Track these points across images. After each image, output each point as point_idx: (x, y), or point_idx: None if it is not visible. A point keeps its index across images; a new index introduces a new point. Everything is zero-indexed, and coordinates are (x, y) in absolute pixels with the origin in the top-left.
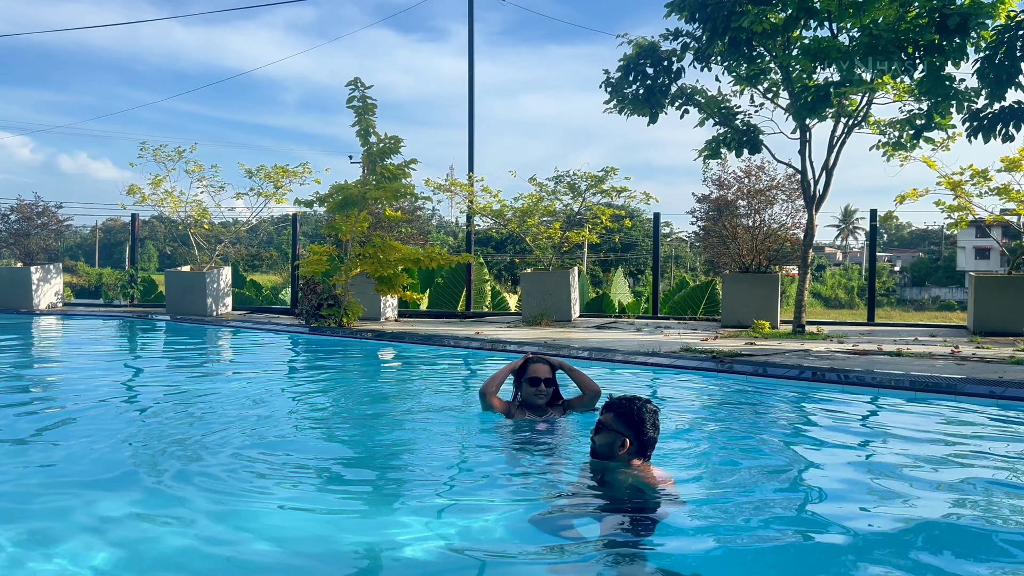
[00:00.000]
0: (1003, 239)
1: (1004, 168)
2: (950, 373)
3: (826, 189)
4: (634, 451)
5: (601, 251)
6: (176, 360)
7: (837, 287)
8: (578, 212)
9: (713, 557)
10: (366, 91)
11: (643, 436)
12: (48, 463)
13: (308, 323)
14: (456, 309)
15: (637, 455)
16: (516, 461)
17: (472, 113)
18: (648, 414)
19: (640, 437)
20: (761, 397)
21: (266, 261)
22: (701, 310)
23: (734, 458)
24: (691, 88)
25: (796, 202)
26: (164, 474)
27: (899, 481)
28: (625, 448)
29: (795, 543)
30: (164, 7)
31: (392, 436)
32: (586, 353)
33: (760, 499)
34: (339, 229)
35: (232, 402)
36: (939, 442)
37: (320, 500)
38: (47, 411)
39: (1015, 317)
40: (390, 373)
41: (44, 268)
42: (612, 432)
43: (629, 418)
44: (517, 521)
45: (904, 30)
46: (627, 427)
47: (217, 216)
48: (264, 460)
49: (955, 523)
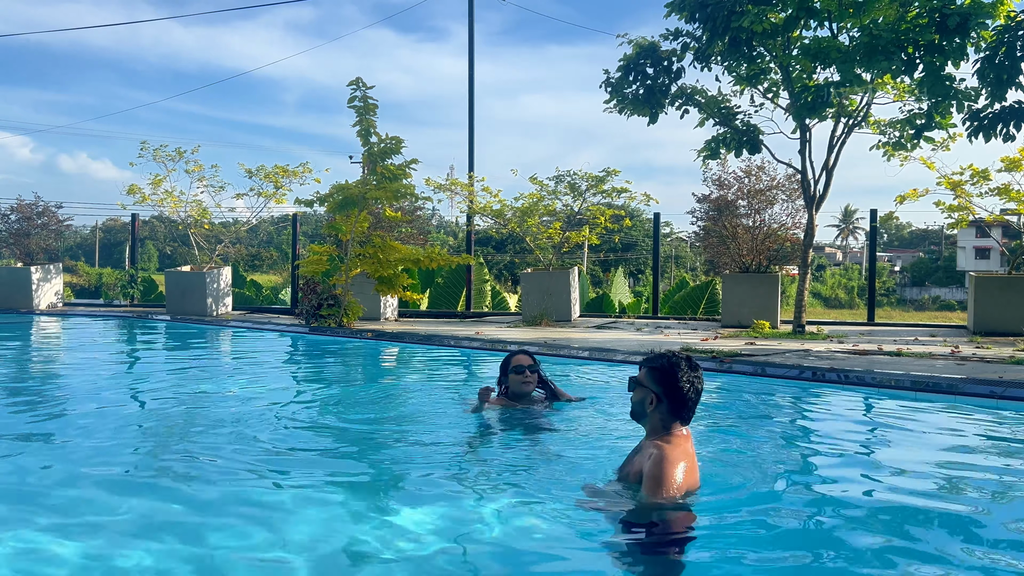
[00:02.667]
0: (1003, 239)
1: (1004, 168)
2: (950, 373)
3: (826, 189)
4: (665, 411)
5: (601, 251)
6: (176, 360)
7: (837, 287)
8: (578, 212)
9: (713, 557)
10: (367, 91)
11: (675, 394)
12: (48, 463)
13: (308, 323)
14: (456, 309)
15: (671, 416)
16: (513, 454)
17: (472, 113)
18: (684, 371)
19: (672, 393)
20: (761, 397)
21: (266, 261)
22: (701, 310)
23: (733, 458)
24: (691, 88)
25: (796, 202)
26: (163, 474)
27: (899, 481)
28: (653, 405)
29: (794, 543)
30: (163, 7)
31: (392, 436)
32: (586, 353)
33: (760, 499)
34: (339, 229)
35: (232, 402)
36: (939, 442)
37: (320, 500)
38: (47, 411)
39: (1015, 317)
40: (390, 373)
41: (44, 268)
42: (644, 388)
43: (661, 373)
44: (518, 517)
45: (904, 30)
46: (656, 383)
47: (217, 216)
48: (264, 460)
49: (955, 523)
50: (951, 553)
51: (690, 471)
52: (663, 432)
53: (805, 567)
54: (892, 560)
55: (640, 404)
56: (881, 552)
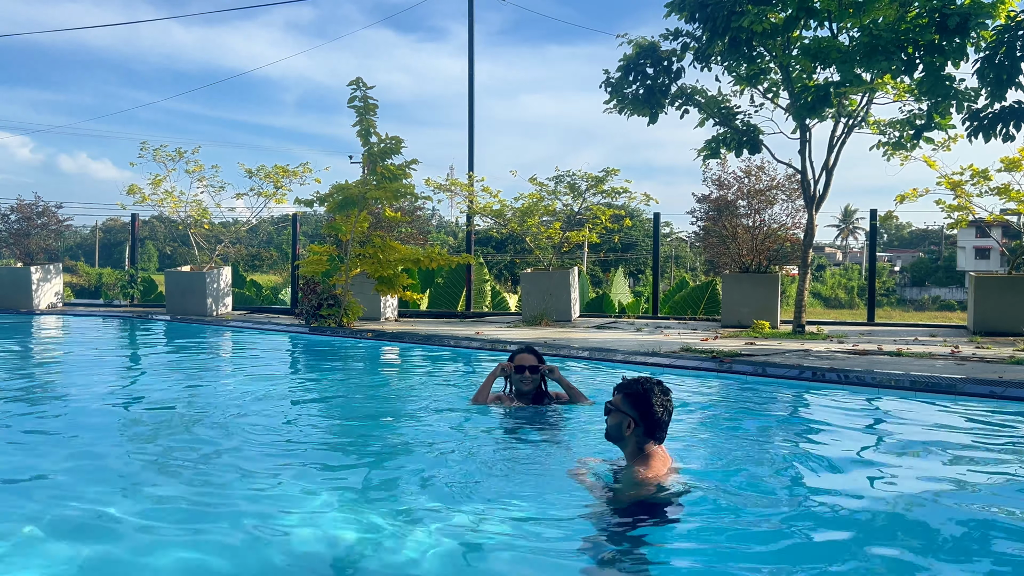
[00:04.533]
0: (1003, 239)
1: (1004, 168)
2: (950, 373)
3: (826, 189)
4: (641, 433)
5: (601, 251)
6: (176, 360)
7: (837, 287)
8: (578, 212)
9: (711, 556)
10: (367, 91)
11: (650, 417)
12: (47, 463)
13: (308, 323)
14: (456, 309)
15: (646, 437)
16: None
17: (472, 113)
18: (656, 395)
19: (647, 418)
20: (761, 397)
21: (266, 261)
22: (701, 310)
23: (733, 458)
24: (691, 88)
25: (796, 202)
26: (163, 475)
27: (899, 481)
28: (631, 429)
29: (794, 543)
30: (163, 7)
31: (392, 436)
32: (586, 353)
33: (759, 499)
34: (339, 229)
35: (232, 402)
36: (939, 442)
37: (321, 500)
38: (46, 411)
39: (1015, 317)
40: (390, 373)
41: (44, 268)
42: (620, 413)
43: (636, 398)
44: (518, 515)
45: (904, 30)
46: (633, 408)
47: (217, 216)
48: (264, 460)
49: (955, 522)
50: (951, 552)
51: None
52: (639, 453)
53: (804, 566)
54: (892, 559)
55: (617, 428)
56: (881, 552)
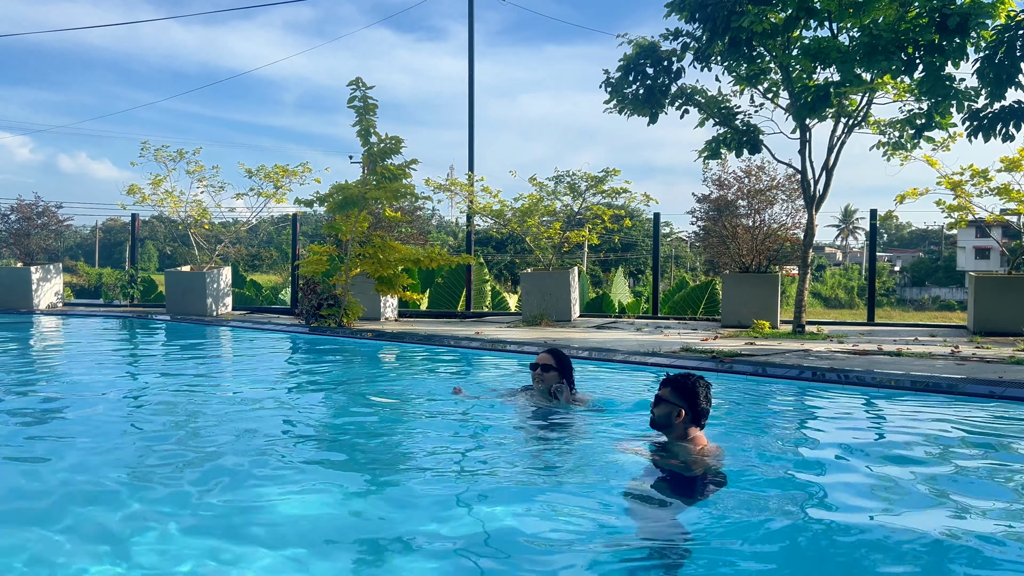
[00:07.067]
0: (1003, 239)
1: (1004, 168)
2: (950, 373)
3: (826, 189)
4: (689, 420)
5: (601, 251)
6: (176, 360)
7: (837, 287)
8: (578, 212)
9: (712, 556)
10: (367, 91)
11: (697, 407)
12: (47, 464)
13: (308, 323)
14: (456, 309)
15: (692, 423)
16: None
17: (472, 113)
18: (702, 388)
19: (694, 408)
20: (761, 397)
21: (266, 261)
22: (701, 310)
23: (733, 458)
24: (691, 88)
25: (796, 202)
26: (163, 473)
27: (899, 481)
28: (680, 418)
29: (794, 543)
30: (162, 7)
31: (392, 436)
32: (586, 353)
33: (759, 498)
34: (339, 229)
35: (232, 402)
36: (939, 442)
37: (320, 499)
38: (47, 411)
39: (1015, 317)
40: (390, 373)
41: (44, 268)
42: (669, 404)
43: (684, 391)
44: (521, 514)
45: (904, 30)
46: (682, 399)
47: (217, 216)
48: (264, 460)
49: (955, 522)
50: (950, 551)
51: (715, 448)
52: (685, 437)
53: (804, 566)
54: (892, 559)
55: (666, 417)
56: (880, 551)
